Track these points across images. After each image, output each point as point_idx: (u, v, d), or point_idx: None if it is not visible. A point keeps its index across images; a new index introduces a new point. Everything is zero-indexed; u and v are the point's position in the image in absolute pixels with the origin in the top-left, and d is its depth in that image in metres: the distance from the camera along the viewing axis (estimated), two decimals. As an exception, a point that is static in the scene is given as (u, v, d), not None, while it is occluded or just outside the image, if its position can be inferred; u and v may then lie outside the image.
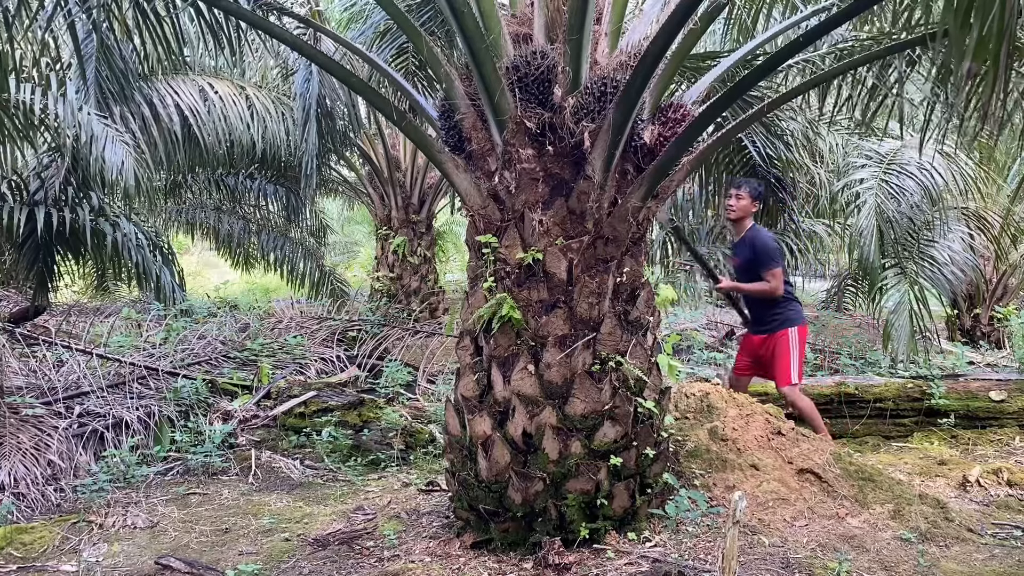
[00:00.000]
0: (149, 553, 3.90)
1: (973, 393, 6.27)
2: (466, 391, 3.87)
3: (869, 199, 7.10)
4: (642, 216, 3.88)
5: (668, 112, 3.86)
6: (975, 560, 3.76)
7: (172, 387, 6.12)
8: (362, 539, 4.00)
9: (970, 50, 2.32)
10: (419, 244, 11.82)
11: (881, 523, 4.12)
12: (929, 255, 7.53)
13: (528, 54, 3.60)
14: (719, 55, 5.26)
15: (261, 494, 4.90)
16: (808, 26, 4.13)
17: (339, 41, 4.98)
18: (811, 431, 5.03)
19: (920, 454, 5.63)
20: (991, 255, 9.90)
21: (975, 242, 8.35)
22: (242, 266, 11.36)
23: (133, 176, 5.56)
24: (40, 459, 4.88)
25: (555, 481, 3.68)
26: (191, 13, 4.75)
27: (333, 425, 5.70)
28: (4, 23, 4.40)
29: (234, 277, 14.10)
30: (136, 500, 4.67)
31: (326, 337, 8.49)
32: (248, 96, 7.82)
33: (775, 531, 3.97)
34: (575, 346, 3.69)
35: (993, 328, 10.55)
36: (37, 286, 6.80)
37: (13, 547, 3.97)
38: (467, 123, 3.83)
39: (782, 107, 5.54)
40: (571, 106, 3.65)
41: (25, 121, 5.54)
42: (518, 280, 3.75)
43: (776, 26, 4.90)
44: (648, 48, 3.38)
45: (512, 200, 3.77)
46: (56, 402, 5.64)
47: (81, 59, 5.53)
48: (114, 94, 5.92)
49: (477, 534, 3.86)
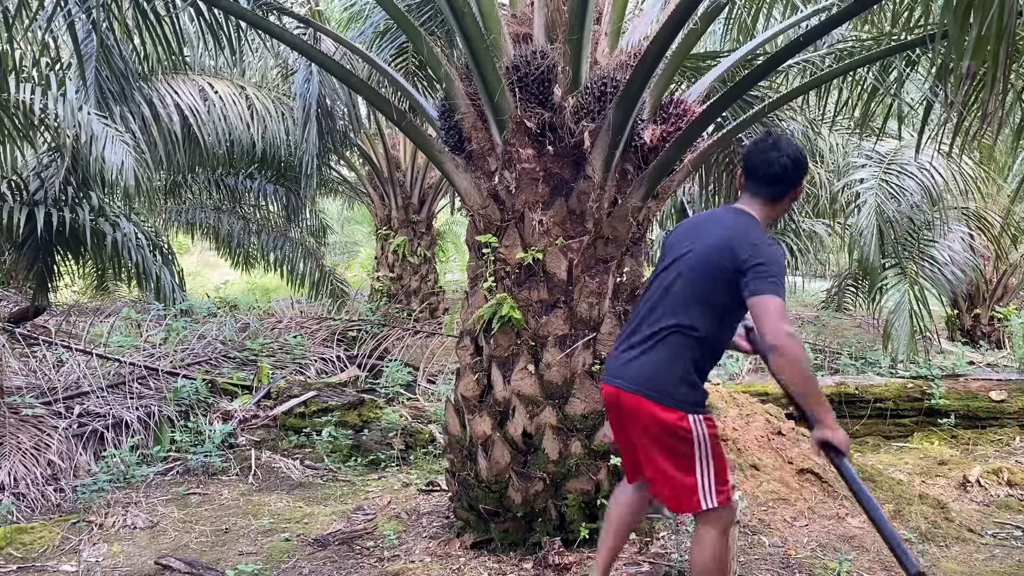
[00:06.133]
0: (149, 553, 3.90)
1: (973, 393, 6.27)
2: (466, 391, 3.87)
3: (869, 199, 7.11)
4: (642, 216, 3.88)
5: (670, 108, 3.86)
6: (975, 560, 3.76)
7: (172, 387, 6.12)
8: (362, 539, 4.00)
9: (969, 50, 2.32)
10: (419, 244, 11.82)
11: (881, 523, 4.12)
12: (929, 255, 7.53)
13: (528, 54, 3.60)
14: (719, 55, 5.26)
15: (261, 494, 4.90)
16: (808, 26, 4.12)
17: (339, 41, 4.98)
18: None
19: (920, 454, 5.64)
20: (991, 255, 9.91)
21: (975, 242, 8.35)
22: (242, 266, 11.37)
23: (133, 176, 5.56)
24: (40, 459, 4.88)
25: (555, 481, 3.68)
26: (191, 13, 4.76)
27: (333, 425, 5.70)
28: (4, 23, 4.40)
29: (234, 277, 14.10)
30: (136, 500, 4.66)
31: (326, 337, 8.48)
32: (248, 96, 7.82)
33: (775, 531, 3.98)
34: (575, 346, 3.69)
35: (993, 328, 10.55)
36: (37, 286, 6.80)
37: (13, 547, 3.97)
38: (467, 123, 3.83)
39: (782, 107, 5.54)
40: (571, 106, 3.65)
41: (25, 121, 5.55)
42: (518, 280, 3.75)
43: (776, 26, 4.90)
44: (648, 48, 3.38)
45: (512, 200, 3.77)
46: (56, 402, 5.64)
47: (81, 59, 5.52)
48: (114, 94, 5.91)
49: (477, 534, 3.86)
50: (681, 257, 2.69)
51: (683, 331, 2.61)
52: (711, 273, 2.60)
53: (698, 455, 2.61)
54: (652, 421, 2.63)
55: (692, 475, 2.62)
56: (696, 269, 2.63)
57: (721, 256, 2.57)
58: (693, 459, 2.62)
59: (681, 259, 2.69)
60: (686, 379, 2.62)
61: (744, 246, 2.54)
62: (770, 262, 2.50)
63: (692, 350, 2.63)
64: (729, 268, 2.55)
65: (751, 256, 2.51)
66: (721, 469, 2.65)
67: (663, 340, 2.64)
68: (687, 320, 2.61)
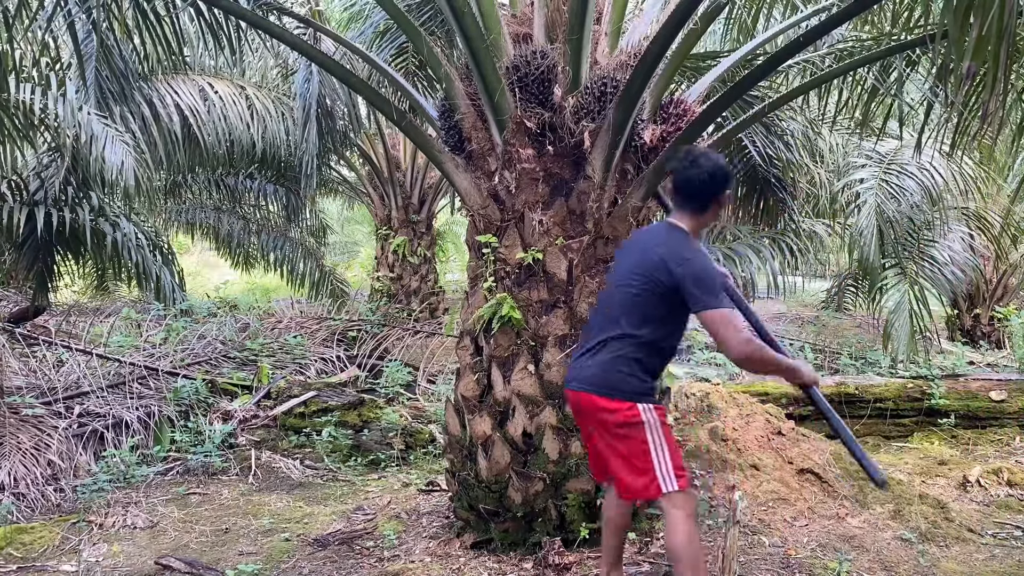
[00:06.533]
0: (149, 553, 3.90)
1: (973, 393, 6.27)
2: (466, 391, 3.87)
3: (869, 199, 7.11)
4: (642, 216, 3.88)
5: (670, 108, 3.86)
6: (975, 560, 3.76)
7: (172, 387, 6.12)
8: (362, 539, 4.00)
9: (969, 50, 2.32)
10: (419, 244, 11.82)
11: (881, 523, 4.12)
12: (929, 255, 7.53)
13: (528, 54, 3.60)
14: (719, 55, 5.26)
15: (261, 494, 4.90)
16: (808, 26, 4.12)
17: (339, 41, 4.98)
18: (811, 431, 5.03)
19: (920, 454, 5.63)
20: (991, 255, 9.91)
21: (975, 242, 8.35)
22: (242, 266, 11.37)
23: (133, 176, 5.56)
24: (40, 459, 4.88)
25: (555, 481, 3.67)
26: (191, 13, 4.76)
27: (333, 425, 5.70)
28: (4, 23, 4.40)
29: (234, 277, 14.10)
30: (136, 500, 4.66)
31: (326, 337, 8.48)
32: (248, 96, 7.82)
33: (775, 531, 3.98)
34: (575, 346, 3.68)
35: (993, 328, 10.55)
36: (37, 286, 6.80)
37: (13, 547, 3.97)
38: (467, 123, 3.83)
39: (782, 107, 5.54)
40: (571, 106, 3.65)
41: (25, 121, 5.55)
42: (518, 280, 3.76)
43: (776, 26, 4.90)
44: (648, 48, 3.38)
45: (512, 200, 3.77)
46: (56, 402, 5.64)
47: (81, 59, 5.52)
48: (114, 94, 5.91)
49: (477, 534, 3.86)
50: (624, 272, 2.93)
51: (627, 337, 2.84)
52: (648, 287, 2.80)
53: (651, 441, 2.81)
54: (606, 415, 2.84)
55: (649, 461, 2.81)
56: (635, 284, 2.84)
57: (656, 271, 2.78)
58: (648, 445, 2.81)
59: (624, 274, 2.92)
60: (634, 375, 2.83)
61: (677, 260, 2.75)
62: (705, 275, 2.72)
63: (636, 352, 2.84)
64: (665, 283, 2.76)
65: (685, 272, 2.72)
66: (675, 455, 2.84)
67: (608, 345, 2.87)
68: (630, 329, 2.83)
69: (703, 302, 2.69)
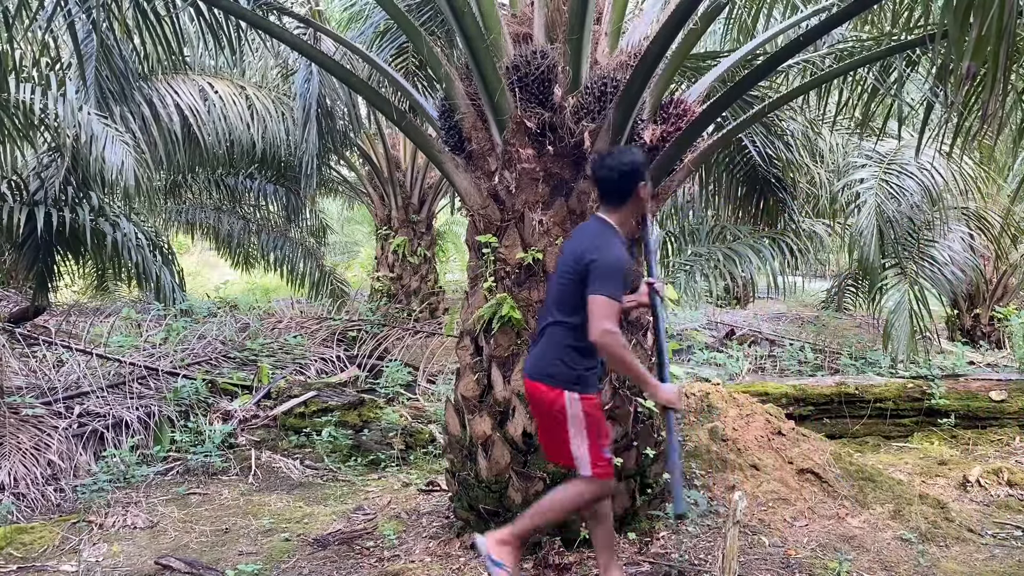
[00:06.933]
0: (149, 553, 3.90)
1: (973, 393, 6.27)
2: (466, 391, 3.87)
3: (869, 199, 7.10)
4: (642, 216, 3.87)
5: (670, 108, 3.86)
6: (975, 560, 3.76)
7: (172, 387, 6.12)
8: (362, 539, 4.00)
9: (969, 50, 2.32)
10: (419, 244, 11.82)
11: (881, 523, 4.12)
12: (929, 255, 7.53)
13: (528, 54, 3.60)
14: (719, 55, 5.26)
15: (261, 494, 4.90)
16: (808, 26, 4.12)
17: (339, 41, 4.98)
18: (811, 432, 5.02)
19: (920, 454, 5.64)
20: (991, 255, 9.90)
21: (975, 242, 8.35)
22: (242, 266, 11.37)
23: (133, 176, 5.55)
24: (40, 459, 4.89)
25: (555, 481, 3.66)
26: (191, 13, 4.76)
27: (333, 425, 5.70)
28: (4, 23, 4.40)
29: (234, 277, 14.10)
30: (136, 500, 4.67)
31: (326, 337, 8.49)
32: (248, 96, 7.82)
33: (775, 531, 3.98)
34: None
35: (993, 328, 10.55)
36: (37, 286, 6.80)
37: (13, 547, 3.97)
38: (467, 123, 3.83)
39: (782, 107, 5.54)
40: (571, 106, 3.65)
41: (25, 121, 5.55)
42: (518, 280, 3.75)
43: (776, 26, 4.90)
44: (648, 48, 3.38)
45: (512, 200, 3.77)
46: (56, 402, 5.64)
47: (81, 59, 5.52)
48: (114, 94, 5.91)
49: (477, 534, 3.85)
50: (560, 263, 3.16)
51: (559, 324, 3.06)
52: (573, 276, 3.01)
53: (571, 431, 3.02)
54: (541, 399, 3.09)
55: (569, 444, 3.04)
56: (566, 274, 3.06)
57: (577, 261, 3.01)
58: (567, 435, 3.03)
59: (559, 265, 3.15)
60: (562, 361, 3.04)
61: (591, 250, 2.98)
62: (603, 262, 2.92)
63: (567, 338, 3.04)
64: (581, 272, 2.98)
65: (592, 259, 2.94)
66: (594, 447, 3.03)
67: (545, 333, 3.12)
68: (561, 316, 3.06)
69: (593, 287, 2.90)
